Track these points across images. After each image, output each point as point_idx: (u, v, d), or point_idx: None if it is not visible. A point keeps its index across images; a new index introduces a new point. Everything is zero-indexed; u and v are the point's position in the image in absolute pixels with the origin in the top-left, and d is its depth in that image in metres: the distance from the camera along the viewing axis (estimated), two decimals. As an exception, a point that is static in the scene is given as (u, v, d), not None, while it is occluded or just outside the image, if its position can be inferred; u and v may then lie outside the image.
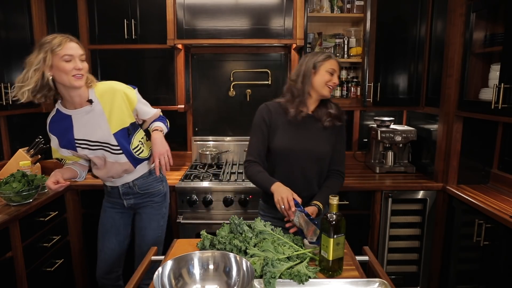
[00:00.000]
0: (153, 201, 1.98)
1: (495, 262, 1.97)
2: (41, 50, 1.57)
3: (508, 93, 1.92)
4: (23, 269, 2.00)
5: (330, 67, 1.71)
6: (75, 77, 1.60)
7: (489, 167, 2.48)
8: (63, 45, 1.57)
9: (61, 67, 1.58)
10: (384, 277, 1.22)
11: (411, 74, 2.66)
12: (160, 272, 1.11)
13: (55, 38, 1.58)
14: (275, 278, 1.17)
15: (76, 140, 1.76)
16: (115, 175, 1.87)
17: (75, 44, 1.62)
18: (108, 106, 1.75)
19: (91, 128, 1.75)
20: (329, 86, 1.72)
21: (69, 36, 1.62)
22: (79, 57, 1.62)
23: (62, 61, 1.57)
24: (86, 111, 1.74)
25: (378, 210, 2.53)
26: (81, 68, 1.61)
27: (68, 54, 1.58)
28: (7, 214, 1.92)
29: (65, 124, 1.75)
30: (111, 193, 1.98)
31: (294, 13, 2.48)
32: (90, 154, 1.80)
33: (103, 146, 1.78)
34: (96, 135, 1.75)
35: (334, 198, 1.24)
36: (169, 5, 2.44)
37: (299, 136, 1.73)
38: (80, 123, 1.75)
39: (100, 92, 1.75)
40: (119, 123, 1.78)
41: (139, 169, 1.90)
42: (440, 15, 2.48)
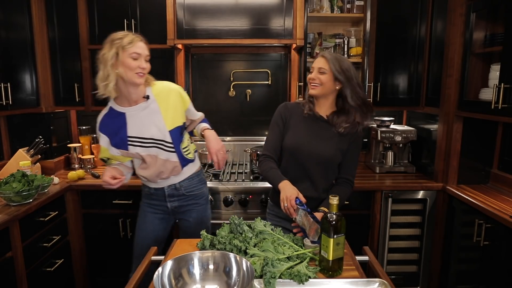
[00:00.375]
0: (198, 203, 1.97)
1: (495, 262, 1.97)
2: (112, 46, 1.65)
3: (508, 93, 1.92)
4: (23, 269, 2.00)
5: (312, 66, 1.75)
6: (138, 75, 1.66)
7: (489, 167, 2.48)
8: (134, 44, 1.65)
9: (127, 63, 1.64)
10: (384, 277, 1.22)
11: (411, 74, 2.66)
12: (160, 272, 1.11)
13: (126, 36, 1.65)
14: (275, 278, 1.17)
15: (129, 137, 1.77)
16: (163, 175, 1.85)
17: (143, 44, 1.69)
18: (164, 103, 1.78)
19: (145, 125, 1.77)
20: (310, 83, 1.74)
21: (139, 36, 1.70)
22: (145, 57, 1.69)
23: (130, 58, 1.64)
24: (142, 108, 1.77)
25: (378, 210, 2.53)
26: (145, 68, 1.68)
27: (137, 52, 1.65)
28: (7, 214, 1.92)
29: (118, 122, 1.77)
30: (153, 196, 1.94)
31: (294, 13, 2.48)
32: (143, 151, 1.79)
33: (157, 143, 1.78)
34: (151, 131, 1.77)
35: (334, 198, 1.24)
36: (169, 5, 2.44)
37: (309, 137, 1.73)
38: (134, 120, 1.77)
39: (157, 90, 1.80)
40: (174, 121, 1.81)
41: (185, 170, 1.91)
42: (440, 15, 2.48)
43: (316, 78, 1.69)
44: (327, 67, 1.67)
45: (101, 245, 2.60)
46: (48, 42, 2.65)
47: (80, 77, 2.69)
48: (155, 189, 1.92)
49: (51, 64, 2.68)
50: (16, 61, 2.43)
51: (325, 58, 1.69)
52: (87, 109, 2.75)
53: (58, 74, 2.70)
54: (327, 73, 1.67)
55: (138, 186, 2.48)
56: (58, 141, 2.89)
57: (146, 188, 1.96)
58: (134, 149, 1.79)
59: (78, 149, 2.89)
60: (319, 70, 1.69)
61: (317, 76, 1.69)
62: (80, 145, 2.93)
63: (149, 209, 1.97)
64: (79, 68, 2.68)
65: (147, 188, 1.95)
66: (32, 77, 2.56)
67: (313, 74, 1.71)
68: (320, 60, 1.70)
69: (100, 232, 2.58)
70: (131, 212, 2.54)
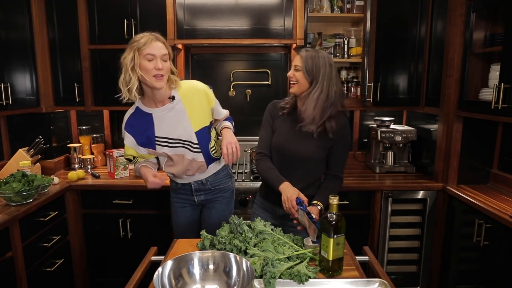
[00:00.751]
0: (223, 196, 2.00)
1: (495, 262, 1.97)
2: (130, 49, 1.63)
3: (508, 93, 1.92)
4: (23, 269, 2.00)
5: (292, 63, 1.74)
6: (156, 78, 1.64)
7: (489, 167, 2.48)
8: (148, 44, 1.61)
9: (143, 66, 1.62)
10: (384, 277, 1.22)
11: (411, 74, 2.66)
12: (160, 272, 1.11)
13: (142, 37, 1.62)
14: (275, 278, 1.17)
15: (157, 137, 1.78)
16: (189, 172, 1.88)
17: (160, 43, 1.64)
18: (190, 104, 1.77)
19: (172, 126, 1.76)
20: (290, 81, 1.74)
21: (156, 35, 1.66)
22: (162, 57, 1.64)
23: (145, 60, 1.62)
24: (168, 109, 1.76)
25: (378, 210, 2.53)
26: (160, 68, 1.62)
27: (151, 53, 1.61)
28: (7, 214, 1.92)
29: (145, 122, 1.77)
30: (181, 190, 1.98)
31: (294, 13, 2.48)
32: (170, 151, 1.80)
33: (183, 144, 1.79)
34: (178, 132, 1.77)
35: (334, 198, 1.24)
36: (169, 5, 2.44)
37: (291, 135, 1.76)
38: (162, 121, 1.76)
39: (183, 90, 1.78)
40: (201, 121, 1.80)
41: (210, 168, 1.92)
42: (440, 15, 2.48)
43: (292, 75, 1.71)
44: (301, 65, 1.68)
45: (101, 245, 2.60)
46: (48, 42, 2.65)
47: (80, 77, 2.69)
48: (182, 184, 1.95)
49: (51, 64, 2.68)
50: (16, 61, 2.43)
51: (300, 56, 1.69)
52: (87, 109, 2.75)
53: (58, 74, 2.70)
54: (300, 70, 1.68)
55: (138, 186, 2.50)
56: (58, 141, 2.89)
57: (173, 183, 2.00)
58: (161, 149, 1.79)
59: (78, 149, 2.89)
60: (295, 67, 1.70)
61: (293, 73, 1.71)
62: (80, 145, 2.93)
63: (178, 204, 2.01)
64: (79, 68, 2.68)
65: (174, 183, 1.99)
66: (32, 77, 2.56)
67: (290, 71, 1.72)
68: (296, 57, 1.71)
69: (100, 232, 2.58)
70: (131, 212, 2.54)
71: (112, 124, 3.09)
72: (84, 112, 2.98)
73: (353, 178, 2.65)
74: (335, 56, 2.80)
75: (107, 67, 2.69)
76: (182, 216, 2.02)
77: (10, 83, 2.31)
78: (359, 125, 3.09)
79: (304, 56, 1.67)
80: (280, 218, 1.84)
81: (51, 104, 2.72)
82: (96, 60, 2.68)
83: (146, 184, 1.78)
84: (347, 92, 2.83)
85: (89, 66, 2.67)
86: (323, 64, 1.66)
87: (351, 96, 2.82)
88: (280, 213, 1.82)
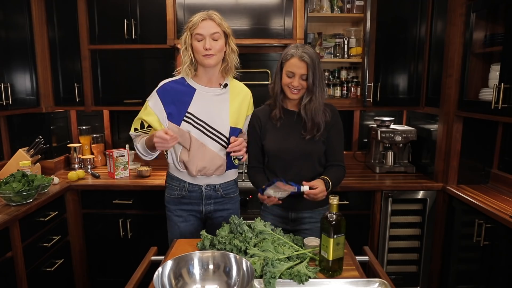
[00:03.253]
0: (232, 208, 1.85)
1: (495, 262, 1.97)
2: (186, 29, 1.63)
3: (508, 93, 1.92)
4: (23, 269, 2.00)
5: (289, 69, 1.61)
6: (205, 57, 1.61)
7: (489, 167, 2.48)
8: (197, 25, 1.59)
9: (194, 46, 1.61)
10: (384, 277, 1.22)
11: (411, 74, 2.66)
12: (160, 272, 1.11)
13: (195, 17, 1.61)
14: (275, 278, 1.17)
15: (188, 113, 1.68)
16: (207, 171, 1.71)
17: (209, 22, 1.60)
18: (235, 99, 1.75)
19: (210, 109, 1.70)
20: (290, 88, 1.64)
21: (209, 13, 1.62)
22: (211, 36, 1.60)
23: (195, 40, 1.60)
24: (215, 93, 1.72)
25: (378, 210, 2.53)
26: (208, 48, 1.59)
27: (199, 33, 1.59)
28: (7, 214, 1.93)
29: (184, 93, 1.69)
30: (185, 199, 1.78)
31: (294, 13, 2.48)
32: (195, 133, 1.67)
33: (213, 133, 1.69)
34: (213, 118, 1.69)
35: (334, 198, 1.24)
36: (169, 5, 2.44)
37: (287, 135, 1.73)
38: (202, 100, 1.69)
39: (234, 84, 1.77)
40: (237, 121, 1.75)
41: (228, 174, 1.80)
42: (440, 15, 2.48)
43: (299, 85, 1.63)
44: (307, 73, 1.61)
45: (101, 245, 2.60)
46: (48, 42, 2.65)
47: (80, 77, 2.69)
48: (189, 191, 1.76)
49: (51, 64, 2.68)
50: (16, 61, 2.43)
51: (305, 63, 1.59)
52: (87, 109, 2.75)
53: (58, 74, 2.70)
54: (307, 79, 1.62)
55: (138, 186, 2.50)
56: (58, 141, 2.89)
57: (175, 191, 1.78)
58: (187, 127, 1.67)
59: (78, 149, 2.89)
60: (301, 77, 1.62)
61: (300, 83, 1.62)
62: (80, 145, 2.93)
63: (180, 218, 1.79)
64: (79, 68, 2.68)
65: (177, 190, 1.77)
66: (32, 77, 2.56)
67: (296, 81, 1.62)
68: (299, 64, 1.60)
69: (100, 232, 2.58)
70: (131, 212, 2.54)
71: (112, 124, 3.09)
72: (84, 112, 2.98)
73: (353, 178, 2.65)
74: (335, 56, 2.80)
75: (107, 67, 2.69)
76: (186, 232, 1.78)
77: (10, 83, 2.31)
78: (359, 125, 3.09)
79: (310, 63, 1.59)
80: (292, 222, 1.79)
81: (51, 104, 2.72)
82: (96, 60, 2.68)
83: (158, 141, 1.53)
84: (347, 92, 2.83)
85: (89, 66, 2.67)
86: (318, 63, 1.63)
87: (351, 96, 2.81)
88: (292, 217, 1.78)
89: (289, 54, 1.62)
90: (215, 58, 1.63)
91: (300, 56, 1.59)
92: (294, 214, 1.76)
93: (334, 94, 2.82)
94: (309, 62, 1.59)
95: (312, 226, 1.75)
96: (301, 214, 1.76)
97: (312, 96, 1.64)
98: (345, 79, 2.86)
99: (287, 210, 1.76)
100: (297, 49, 1.61)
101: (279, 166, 1.75)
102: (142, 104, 1.75)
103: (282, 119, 1.73)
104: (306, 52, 1.60)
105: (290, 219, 1.78)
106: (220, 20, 1.62)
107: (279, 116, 1.72)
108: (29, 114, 2.67)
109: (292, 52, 1.61)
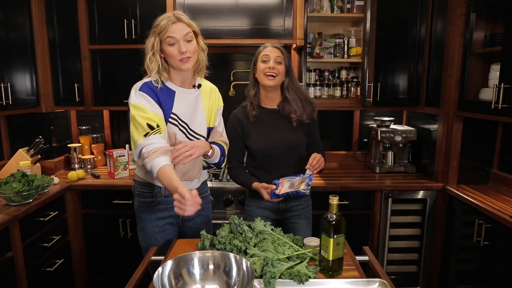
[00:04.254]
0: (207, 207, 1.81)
1: (495, 262, 1.97)
2: (152, 34, 1.54)
3: (508, 93, 1.92)
4: (23, 269, 2.00)
5: (264, 54, 1.73)
6: (182, 61, 1.53)
7: (489, 167, 2.48)
8: (166, 29, 1.50)
9: (167, 51, 1.53)
10: (384, 277, 1.22)
11: (411, 74, 2.66)
12: (160, 272, 1.11)
13: (162, 20, 1.52)
14: (275, 278, 1.17)
15: (173, 114, 1.61)
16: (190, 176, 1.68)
17: (179, 24, 1.52)
18: (206, 99, 1.72)
19: (192, 112, 1.65)
20: (266, 74, 1.72)
21: (176, 15, 1.53)
22: (183, 37, 1.52)
23: (166, 45, 1.52)
24: (193, 94, 1.67)
25: (378, 210, 2.53)
26: (184, 51, 1.51)
27: (171, 36, 1.50)
28: (7, 214, 1.92)
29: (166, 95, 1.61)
30: (161, 205, 1.69)
31: (294, 13, 2.48)
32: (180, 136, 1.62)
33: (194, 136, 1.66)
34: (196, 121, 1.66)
35: (334, 198, 1.24)
36: (169, 5, 2.44)
37: (271, 132, 1.79)
38: (182, 102, 1.63)
39: (204, 83, 1.75)
40: (211, 120, 1.73)
41: (203, 174, 1.79)
42: (440, 15, 2.48)
43: (274, 67, 1.71)
44: (283, 57, 1.72)
45: (101, 245, 2.60)
46: (48, 42, 2.65)
47: (80, 77, 2.69)
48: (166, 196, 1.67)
49: (51, 64, 2.68)
50: (16, 61, 2.43)
51: (277, 48, 1.74)
52: (87, 109, 2.75)
53: (58, 74, 2.70)
54: (283, 63, 1.72)
55: (138, 186, 2.49)
56: (58, 141, 2.89)
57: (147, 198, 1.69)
58: (172, 128, 1.61)
59: (78, 149, 2.89)
60: (276, 59, 1.71)
61: (275, 65, 1.71)
62: (80, 145, 2.93)
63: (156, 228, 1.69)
64: (79, 68, 2.68)
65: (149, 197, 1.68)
66: (32, 77, 2.56)
67: (271, 63, 1.71)
68: (272, 50, 1.73)
69: (100, 232, 2.58)
70: (131, 212, 2.53)
71: (112, 124, 3.09)
72: (84, 112, 2.98)
73: (353, 178, 2.65)
74: (335, 56, 2.80)
75: (107, 67, 2.69)
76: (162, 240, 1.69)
77: (10, 83, 2.31)
78: (359, 125, 3.09)
79: (282, 50, 1.74)
80: (282, 212, 1.87)
81: (51, 104, 2.72)
82: (96, 60, 2.68)
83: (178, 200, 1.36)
84: (347, 92, 2.83)
85: (89, 66, 2.67)
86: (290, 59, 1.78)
87: (351, 96, 2.81)
88: (282, 208, 1.86)
89: (261, 46, 1.78)
90: (191, 60, 1.56)
91: (273, 44, 1.76)
92: (283, 204, 1.84)
93: (334, 94, 2.82)
94: (283, 50, 1.75)
95: (300, 212, 1.86)
96: (290, 204, 1.85)
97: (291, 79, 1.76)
98: (345, 79, 2.86)
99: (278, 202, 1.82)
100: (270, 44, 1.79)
101: (268, 163, 1.81)
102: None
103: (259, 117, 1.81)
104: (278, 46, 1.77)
105: (280, 210, 1.86)
106: (188, 20, 1.56)
107: (254, 114, 1.80)
108: (29, 114, 2.67)
109: (265, 44, 1.78)
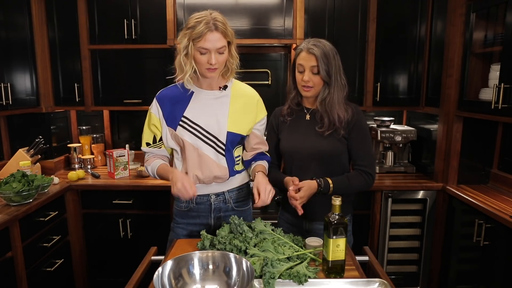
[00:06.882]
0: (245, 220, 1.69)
1: (495, 262, 1.97)
2: (185, 35, 1.48)
3: (508, 93, 1.92)
4: (23, 269, 2.00)
5: (298, 64, 1.57)
6: (209, 70, 1.50)
7: (489, 167, 2.48)
8: (202, 37, 1.44)
9: (196, 57, 1.49)
10: (384, 277, 1.22)
11: (411, 74, 2.66)
12: (160, 272, 1.11)
13: (198, 25, 1.44)
14: (274, 278, 1.17)
15: (184, 117, 1.57)
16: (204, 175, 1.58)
17: (215, 34, 1.45)
18: (235, 102, 1.61)
19: (206, 112, 1.58)
20: (302, 85, 1.58)
21: (214, 21, 1.45)
22: (217, 50, 1.47)
23: (198, 51, 1.48)
24: (214, 96, 1.59)
25: (378, 210, 2.53)
26: (213, 63, 1.47)
27: (204, 47, 1.45)
28: (7, 214, 1.93)
29: (182, 98, 1.59)
30: (193, 211, 1.65)
31: (294, 13, 2.48)
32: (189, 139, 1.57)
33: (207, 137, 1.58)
34: (208, 121, 1.58)
35: (336, 199, 1.22)
36: (169, 5, 2.44)
37: (302, 136, 1.66)
38: (198, 103, 1.58)
39: (239, 86, 1.65)
40: (238, 126, 1.60)
41: (232, 180, 1.65)
42: (440, 15, 2.48)
43: (309, 79, 1.56)
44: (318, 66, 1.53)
45: (101, 245, 2.60)
46: (48, 42, 2.65)
47: (80, 77, 2.69)
48: (197, 203, 1.63)
49: (51, 64, 2.68)
50: (16, 61, 2.43)
51: (314, 56, 1.53)
52: (87, 109, 2.75)
53: (58, 74, 2.70)
54: (318, 74, 1.54)
55: (138, 186, 2.49)
56: (58, 141, 2.89)
57: (182, 202, 1.66)
58: (181, 131, 1.57)
59: (78, 149, 2.89)
60: (312, 70, 1.55)
61: (310, 77, 1.56)
62: (80, 145, 2.93)
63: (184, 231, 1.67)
64: (79, 68, 2.68)
65: (184, 202, 1.65)
66: (32, 77, 2.56)
67: (306, 75, 1.55)
68: (308, 57, 1.54)
69: (100, 232, 2.58)
70: (131, 212, 2.54)
71: (112, 124, 3.09)
72: (84, 112, 2.99)
73: (353, 178, 2.65)
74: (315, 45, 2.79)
75: (107, 67, 2.69)
76: None
77: (10, 83, 2.31)
78: (359, 125, 3.09)
79: (318, 55, 1.51)
80: (306, 233, 1.72)
81: (51, 104, 2.72)
82: (96, 60, 2.68)
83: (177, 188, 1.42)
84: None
85: (89, 66, 2.67)
86: (332, 57, 1.54)
87: (351, 96, 2.82)
88: (306, 227, 1.72)
89: (298, 49, 1.58)
90: (217, 71, 1.54)
91: (308, 48, 1.54)
92: (308, 224, 1.71)
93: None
94: (318, 54, 1.52)
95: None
96: (314, 225, 1.70)
97: (330, 89, 1.56)
98: (345, 79, 2.85)
99: (301, 220, 1.71)
100: (307, 43, 1.56)
101: (294, 167, 1.68)
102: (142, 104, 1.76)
103: (295, 119, 1.69)
104: (315, 45, 1.53)
105: (304, 229, 1.73)
106: (224, 28, 1.48)
107: (286, 112, 1.69)
108: (29, 114, 2.67)
109: (301, 46, 1.57)
